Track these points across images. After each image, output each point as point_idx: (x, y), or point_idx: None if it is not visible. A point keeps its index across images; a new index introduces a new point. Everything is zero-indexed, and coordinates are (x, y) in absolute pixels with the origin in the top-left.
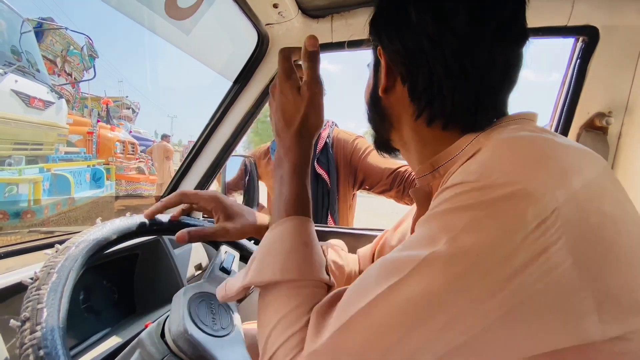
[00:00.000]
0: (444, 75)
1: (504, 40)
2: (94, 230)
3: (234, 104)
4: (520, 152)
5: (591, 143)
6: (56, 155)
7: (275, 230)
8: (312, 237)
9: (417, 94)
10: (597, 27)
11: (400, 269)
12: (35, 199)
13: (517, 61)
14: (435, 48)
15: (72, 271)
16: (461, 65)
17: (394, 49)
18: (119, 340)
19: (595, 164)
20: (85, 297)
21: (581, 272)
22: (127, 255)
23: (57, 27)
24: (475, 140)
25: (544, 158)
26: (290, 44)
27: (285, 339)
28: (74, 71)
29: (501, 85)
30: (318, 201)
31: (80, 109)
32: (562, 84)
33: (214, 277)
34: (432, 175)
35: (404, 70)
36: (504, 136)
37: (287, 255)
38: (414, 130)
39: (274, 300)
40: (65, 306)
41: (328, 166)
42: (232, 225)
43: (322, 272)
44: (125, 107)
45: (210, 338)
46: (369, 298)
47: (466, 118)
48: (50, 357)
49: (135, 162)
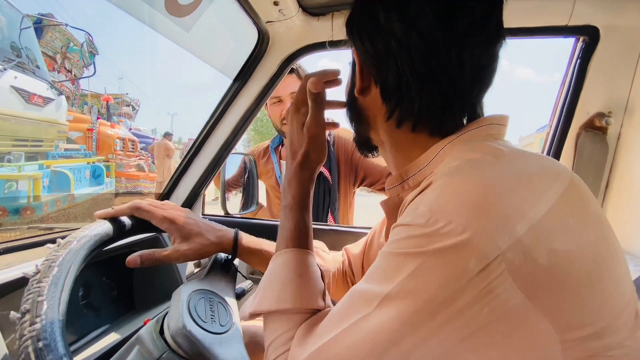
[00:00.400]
0: (412, 77)
1: (474, 41)
2: (96, 225)
3: (234, 101)
4: (466, 195)
5: (590, 143)
6: (56, 152)
7: (275, 261)
8: (308, 267)
9: (388, 95)
10: (597, 27)
11: (362, 306)
12: (35, 196)
13: (489, 62)
14: (402, 49)
15: (73, 265)
16: (428, 66)
17: (365, 49)
18: (118, 336)
19: (554, 189)
20: (84, 294)
21: (537, 305)
22: (127, 251)
23: (56, 24)
24: (442, 152)
25: (488, 205)
26: (291, 42)
27: (277, 355)
28: (73, 68)
29: (471, 87)
30: (319, 199)
31: (80, 105)
32: (562, 83)
33: (214, 274)
34: (401, 187)
35: (375, 72)
36: (460, 160)
37: (283, 287)
38: (387, 132)
39: (271, 323)
40: (66, 299)
41: (329, 164)
42: (187, 246)
43: (316, 301)
44: (126, 104)
45: (208, 335)
46: (339, 329)
47: (434, 120)
48: (49, 349)
49: (135, 159)
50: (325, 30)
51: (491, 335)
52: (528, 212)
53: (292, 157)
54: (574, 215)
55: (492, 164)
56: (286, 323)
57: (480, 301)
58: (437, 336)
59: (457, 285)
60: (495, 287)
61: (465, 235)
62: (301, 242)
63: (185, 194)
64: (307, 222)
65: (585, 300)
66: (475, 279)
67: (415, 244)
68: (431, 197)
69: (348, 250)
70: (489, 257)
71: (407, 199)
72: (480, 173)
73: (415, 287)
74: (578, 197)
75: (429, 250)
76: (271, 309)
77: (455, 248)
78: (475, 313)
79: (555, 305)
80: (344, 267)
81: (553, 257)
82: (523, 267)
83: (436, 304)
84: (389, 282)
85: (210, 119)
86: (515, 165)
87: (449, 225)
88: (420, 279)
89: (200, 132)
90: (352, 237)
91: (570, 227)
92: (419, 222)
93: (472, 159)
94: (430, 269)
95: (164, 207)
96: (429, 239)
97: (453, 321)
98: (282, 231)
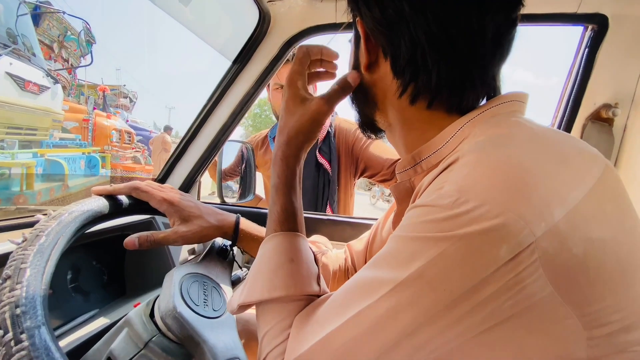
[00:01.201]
0: (428, 45)
1: (495, 4)
2: (91, 200)
3: (233, 84)
4: (502, 174)
5: (596, 134)
6: (50, 140)
7: (264, 247)
8: (300, 251)
9: (400, 68)
10: (607, 16)
11: (370, 293)
12: (28, 184)
13: (510, 29)
14: (417, 13)
15: (62, 237)
16: (446, 32)
17: (373, 17)
18: (107, 321)
19: (591, 173)
20: (73, 277)
21: (565, 299)
22: (119, 235)
23: (54, 11)
24: (461, 132)
25: (526, 185)
26: (292, 23)
27: (271, 349)
28: (70, 57)
29: (492, 56)
30: (319, 190)
31: (77, 95)
32: (569, 73)
33: (210, 259)
34: (413, 170)
35: (385, 42)
36: (492, 135)
37: (274, 274)
38: (399, 111)
39: (263, 314)
40: (51, 270)
41: (330, 155)
42: (186, 228)
43: (310, 285)
44: (123, 95)
45: (200, 318)
46: (343, 319)
47: (453, 94)
48: (27, 316)
49: (132, 151)
50: (329, 12)
51: (511, 331)
52: (567, 195)
53: (281, 133)
54: (612, 201)
55: (526, 141)
56: (279, 312)
57: (505, 293)
58: (454, 329)
59: (483, 274)
60: (524, 278)
61: (500, 220)
62: (290, 224)
63: (181, 179)
64: (294, 203)
65: (617, 293)
66: (503, 269)
67: (438, 228)
68: (459, 175)
69: (351, 247)
70: (522, 244)
71: (425, 181)
72: (514, 150)
73: (435, 276)
74: (615, 182)
75: (456, 236)
76: (262, 298)
77: (486, 233)
78: (498, 306)
79: (586, 299)
80: (346, 264)
81: (589, 247)
82: (557, 257)
83: (458, 295)
84: (404, 268)
85: (208, 102)
86: (550, 144)
87: (482, 208)
88: (442, 267)
89: (197, 116)
90: (350, 228)
91: (607, 213)
92: (444, 203)
93: (502, 134)
94: (454, 257)
95: (163, 189)
96: (456, 223)
97: (474, 314)
98: (271, 214)
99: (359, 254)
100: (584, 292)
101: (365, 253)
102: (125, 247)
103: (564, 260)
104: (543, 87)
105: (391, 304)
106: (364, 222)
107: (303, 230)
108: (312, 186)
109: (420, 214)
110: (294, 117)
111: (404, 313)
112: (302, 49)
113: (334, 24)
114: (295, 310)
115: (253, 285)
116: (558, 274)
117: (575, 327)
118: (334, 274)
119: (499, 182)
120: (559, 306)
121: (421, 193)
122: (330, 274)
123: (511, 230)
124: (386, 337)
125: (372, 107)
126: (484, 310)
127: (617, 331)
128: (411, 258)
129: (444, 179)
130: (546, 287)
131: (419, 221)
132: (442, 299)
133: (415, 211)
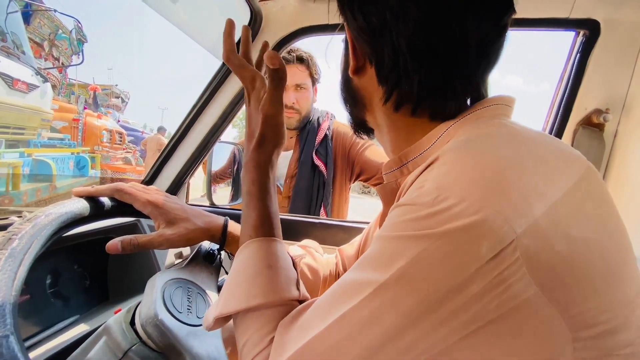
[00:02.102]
0: (409, 53)
1: (481, 12)
2: (70, 202)
3: (223, 85)
4: (480, 171)
5: (587, 140)
6: (38, 140)
7: (240, 255)
8: (277, 257)
9: (384, 75)
10: (598, 21)
11: (353, 295)
12: (14, 184)
13: (497, 36)
14: (398, 21)
15: (36, 240)
16: (427, 41)
17: (357, 24)
18: (87, 328)
19: (570, 173)
20: (52, 282)
21: (550, 299)
22: (102, 238)
23: (45, 9)
24: (446, 134)
25: (504, 181)
26: (284, 23)
27: (252, 357)
28: (61, 56)
29: (477, 65)
30: (313, 191)
31: (67, 95)
32: (560, 78)
33: (195, 264)
34: (399, 171)
35: (369, 49)
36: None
37: (252, 282)
38: (386, 115)
39: (241, 324)
40: (23, 275)
41: (326, 158)
42: (171, 231)
43: (289, 291)
44: (115, 95)
45: (182, 326)
46: (326, 322)
47: (435, 102)
48: None
49: (122, 152)
50: (322, 12)
51: (498, 333)
52: (546, 191)
53: (248, 139)
54: (593, 201)
55: (506, 139)
56: (258, 319)
57: (489, 293)
58: (439, 332)
59: (465, 273)
60: (507, 277)
61: (479, 216)
62: (266, 229)
63: (169, 181)
64: (270, 207)
65: (603, 294)
66: (486, 267)
67: (419, 226)
68: (439, 172)
69: (342, 252)
70: (503, 241)
71: (408, 180)
72: (493, 147)
73: (417, 275)
74: (597, 184)
75: (436, 233)
76: (240, 307)
77: (466, 230)
78: (483, 307)
79: (571, 299)
80: (337, 269)
81: (572, 244)
82: (539, 255)
83: (440, 295)
84: (386, 268)
85: (198, 102)
86: (530, 142)
87: (461, 204)
88: (423, 265)
89: (187, 116)
90: (341, 231)
91: (588, 213)
92: (424, 201)
93: (483, 133)
94: (435, 255)
95: (148, 191)
96: (436, 220)
97: (458, 315)
98: (246, 220)
99: (351, 259)
100: (569, 292)
101: (357, 257)
102: (108, 251)
103: (547, 258)
104: (534, 93)
105: (374, 306)
106: (355, 226)
107: (279, 235)
108: (307, 187)
109: (401, 213)
110: (257, 123)
111: (387, 315)
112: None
113: (326, 25)
114: (275, 317)
115: (230, 295)
116: (542, 272)
117: (561, 329)
118: (325, 279)
119: (477, 178)
120: (544, 307)
121: (404, 193)
122: (320, 279)
123: (491, 227)
124: (370, 340)
125: (362, 109)
126: (469, 311)
127: (603, 333)
128: (393, 258)
129: (424, 177)
130: (530, 286)
131: (400, 220)
132: (425, 300)
133: (397, 210)
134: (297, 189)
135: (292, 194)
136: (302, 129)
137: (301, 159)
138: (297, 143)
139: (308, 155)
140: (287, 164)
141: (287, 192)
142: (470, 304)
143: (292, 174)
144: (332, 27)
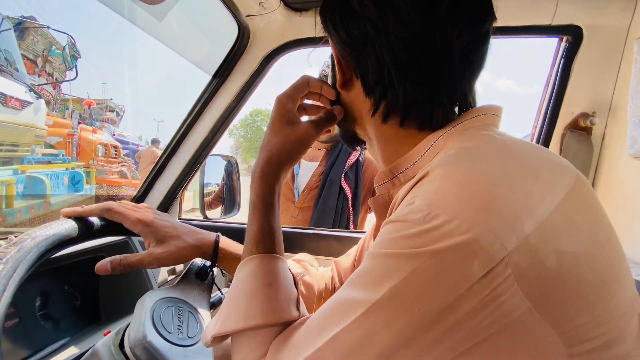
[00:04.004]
0: (393, 65)
1: (461, 21)
2: (58, 223)
3: (213, 99)
4: (471, 188)
5: (575, 144)
6: (32, 156)
7: (240, 272)
8: (278, 275)
9: (370, 87)
10: (581, 27)
11: (346, 315)
12: (8, 202)
13: (479, 44)
14: (380, 35)
15: (22, 264)
16: (409, 53)
17: (341, 39)
18: (77, 351)
19: (560, 185)
20: (42, 303)
21: (543, 315)
22: (93, 257)
23: (38, 26)
24: (436, 144)
25: (495, 198)
26: (272, 37)
27: None
28: (55, 72)
29: (461, 73)
30: (336, 213)
31: (62, 110)
32: (546, 84)
33: (186, 282)
34: (391, 183)
35: (354, 62)
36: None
37: (251, 301)
38: (375, 127)
39: (237, 344)
40: (7, 301)
41: (355, 185)
42: (161, 250)
43: (289, 312)
44: (109, 109)
45: (172, 347)
46: (319, 343)
47: (423, 112)
48: None
49: (118, 165)
50: (309, 26)
51: (492, 350)
52: (537, 207)
53: (262, 150)
54: (583, 214)
55: (495, 153)
56: (254, 339)
57: (482, 311)
58: (433, 351)
59: (457, 292)
60: (500, 294)
61: (470, 235)
62: (267, 245)
63: (161, 197)
64: (273, 223)
65: (595, 308)
66: (478, 285)
67: (410, 244)
68: (429, 189)
69: (338, 264)
70: (495, 259)
71: (399, 195)
72: (483, 163)
73: (409, 295)
74: (586, 194)
75: (427, 252)
76: (237, 327)
77: (457, 249)
78: (476, 325)
79: (564, 315)
80: (332, 282)
81: (562, 260)
82: (530, 271)
83: (433, 315)
84: (378, 287)
85: (188, 117)
86: (519, 156)
87: (452, 222)
88: (415, 285)
89: (177, 131)
90: (336, 242)
91: (579, 226)
92: (415, 218)
93: (472, 147)
94: (427, 274)
95: (138, 209)
96: (427, 238)
97: (451, 334)
98: (248, 234)
99: (347, 271)
100: (561, 308)
101: (353, 269)
102: (97, 272)
103: (538, 274)
104: (526, 95)
105: (367, 326)
106: (350, 236)
107: (281, 252)
108: (331, 207)
109: (393, 230)
110: (278, 136)
111: (380, 335)
112: (304, 78)
113: (313, 38)
114: (270, 337)
115: (228, 314)
116: (533, 288)
117: (556, 345)
118: (320, 293)
119: (468, 195)
120: (537, 324)
121: (396, 207)
122: (315, 294)
123: (482, 245)
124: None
125: (352, 122)
126: (462, 329)
127: (597, 347)
128: (385, 276)
129: (415, 193)
130: (523, 303)
131: (391, 237)
132: (417, 319)
133: (388, 227)
134: (325, 206)
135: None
136: (333, 146)
137: (329, 177)
138: (325, 158)
139: (337, 175)
140: (310, 174)
141: (302, 202)
142: (463, 322)
143: (313, 186)
144: (319, 40)
